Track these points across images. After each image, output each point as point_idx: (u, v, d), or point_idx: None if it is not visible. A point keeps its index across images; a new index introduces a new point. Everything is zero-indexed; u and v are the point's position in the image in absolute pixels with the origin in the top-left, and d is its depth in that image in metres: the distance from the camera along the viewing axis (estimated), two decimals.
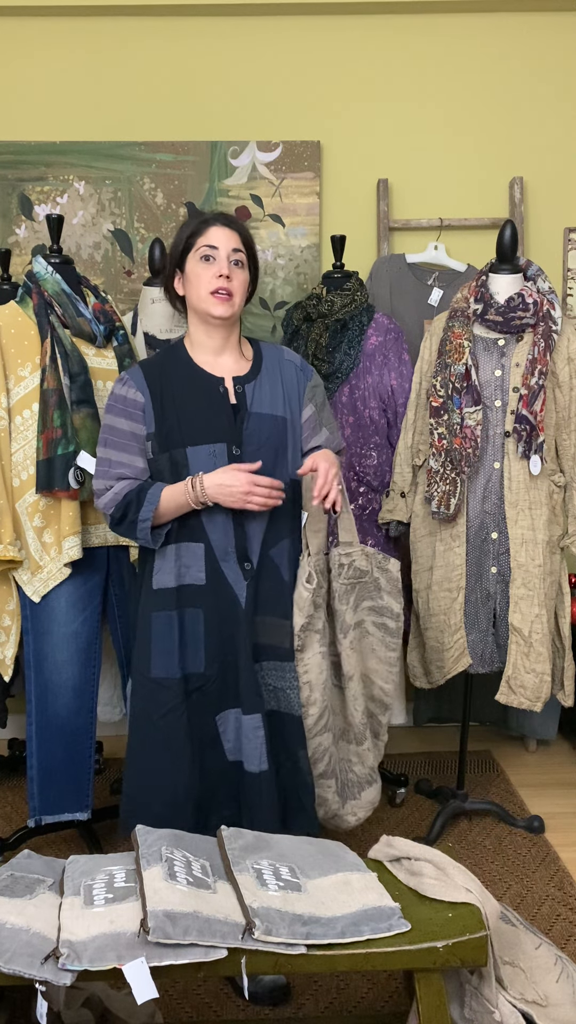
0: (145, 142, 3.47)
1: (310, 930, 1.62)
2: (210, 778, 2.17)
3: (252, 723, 2.11)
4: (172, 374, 2.18)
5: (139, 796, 2.16)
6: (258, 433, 2.16)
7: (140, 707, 2.20)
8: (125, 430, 2.16)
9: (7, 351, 2.50)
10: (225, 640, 2.15)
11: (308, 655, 2.19)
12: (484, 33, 3.52)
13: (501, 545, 2.66)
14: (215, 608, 2.15)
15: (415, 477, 2.82)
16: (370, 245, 3.56)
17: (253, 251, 2.20)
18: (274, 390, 2.21)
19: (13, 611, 2.58)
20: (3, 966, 1.52)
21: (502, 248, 2.64)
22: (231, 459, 2.13)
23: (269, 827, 2.06)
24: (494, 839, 2.81)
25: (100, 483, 2.18)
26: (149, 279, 2.92)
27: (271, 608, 2.17)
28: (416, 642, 2.85)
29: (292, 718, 2.17)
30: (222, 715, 2.17)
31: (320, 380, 2.33)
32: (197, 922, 1.57)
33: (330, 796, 2.25)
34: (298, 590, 2.18)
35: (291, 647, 2.17)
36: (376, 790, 2.35)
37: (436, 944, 1.64)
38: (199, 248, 2.14)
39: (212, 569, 2.14)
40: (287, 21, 3.49)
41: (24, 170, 3.45)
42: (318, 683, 2.19)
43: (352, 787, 2.32)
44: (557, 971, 1.87)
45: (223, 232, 2.14)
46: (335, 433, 2.32)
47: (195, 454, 2.12)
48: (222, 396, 2.17)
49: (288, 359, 2.27)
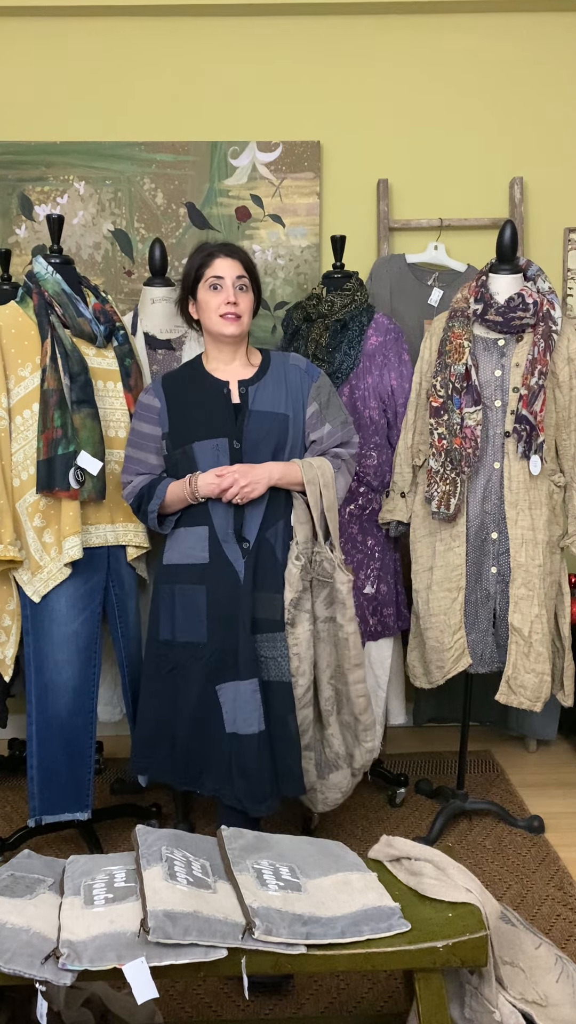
0: (145, 142, 3.47)
1: (310, 930, 1.62)
2: (209, 741, 2.37)
3: (250, 687, 2.32)
4: (186, 381, 2.50)
5: (145, 743, 2.46)
6: (257, 429, 2.42)
7: (150, 666, 2.48)
8: (145, 432, 2.50)
9: (7, 351, 2.50)
10: (226, 613, 2.37)
11: (299, 630, 2.39)
12: (484, 33, 3.52)
13: (501, 545, 2.66)
14: (217, 584, 2.38)
15: (415, 477, 2.82)
16: (370, 245, 3.56)
17: (255, 274, 2.49)
18: (277, 391, 2.46)
19: (13, 611, 2.58)
20: (3, 966, 1.52)
21: (502, 248, 2.64)
22: (232, 453, 2.40)
23: (261, 789, 2.30)
24: (494, 839, 2.81)
25: (124, 477, 2.55)
26: (149, 279, 2.91)
27: (266, 584, 2.38)
28: (416, 642, 2.85)
29: (283, 685, 2.37)
30: (222, 687, 2.35)
31: (327, 381, 2.55)
32: (197, 922, 1.57)
33: (311, 768, 2.47)
34: (289, 567, 2.39)
35: (282, 619, 2.38)
36: (343, 777, 2.50)
37: (436, 944, 1.64)
38: (207, 279, 2.43)
39: (215, 549, 2.39)
40: (287, 21, 3.49)
41: (24, 170, 3.45)
42: (306, 657, 2.40)
43: (323, 767, 2.50)
44: (557, 971, 1.87)
45: (227, 263, 2.43)
46: (340, 427, 2.51)
47: (201, 448, 2.41)
48: (226, 396, 2.44)
49: (293, 363, 2.52)
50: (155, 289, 2.89)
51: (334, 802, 2.52)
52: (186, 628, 2.41)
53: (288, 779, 2.36)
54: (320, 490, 2.41)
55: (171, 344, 2.88)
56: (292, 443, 2.46)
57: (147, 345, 2.87)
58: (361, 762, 2.51)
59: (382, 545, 2.99)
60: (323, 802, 2.52)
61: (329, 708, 2.48)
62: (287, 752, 2.36)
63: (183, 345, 2.88)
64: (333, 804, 2.53)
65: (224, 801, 2.36)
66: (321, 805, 2.52)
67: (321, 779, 2.50)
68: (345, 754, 2.51)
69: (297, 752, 2.36)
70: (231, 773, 2.32)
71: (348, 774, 2.52)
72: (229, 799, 2.34)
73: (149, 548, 2.70)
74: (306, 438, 2.49)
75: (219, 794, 2.37)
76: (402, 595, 3.05)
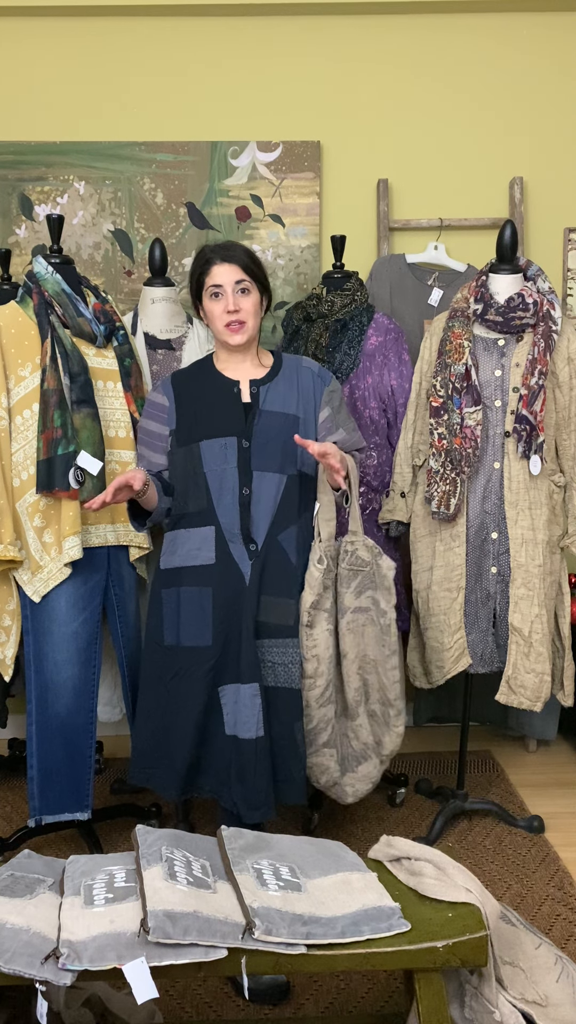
0: (145, 142, 3.47)
1: (310, 930, 1.62)
2: (209, 743, 2.34)
3: (250, 691, 2.28)
4: (197, 380, 2.48)
5: (145, 750, 2.43)
6: (267, 429, 2.40)
7: (151, 673, 2.44)
8: (152, 430, 2.50)
9: (7, 351, 2.50)
10: (230, 616, 2.34)
11: (317, 631, 2.36)
12: (484, 33, 3.52)
13: (501, 545, 2.66)
14: (223, 586, 2.35)
15: (415, 477, 2.83)
16: (370, 245, 3.56)
17: (257, 273, 2.42)
18: (289, 392, 2.45)
19: (13, 611, 2.58)
20: (3, 966, 1.52)
21: (502, 248, 2.64)
22: (240, 452, 2.37)
23: (260, 795, 2.26)
24: (494, 839, 2.81)
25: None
26: (149, 279, 2.91)
27: (278, 588, 2.35)
28: (416, 642, 2.85)
29: (291, 692, 2.33)
30: (224, 688, 2.32)
31: (338, 386, 2.55)
32: (197, 922, 1.57)
33: (332, 764, 2.41)
34: (310, 570, 2.37)
35: (295, 624, 2.35)
36: (372, 766, 2.48)
37: (436, 944, 1.64)
38: (208, 288, 2.41)
39: (221, 550, 2.36)
40: (287, 21, 3.49)
41: (24, 170, 3.45)
42: (325, 657, 2.36)
43: (350, 760, 2.47)
44: (557, 971, 1.87)
45: (224, 268, 2.38)
46: (352, 434, 2.53)
47: (208, 447, 2.39)
48: (236, 396, 2.43)
49: (306, 366, 2.51)
50: (155, 289, 2.88)
51: (364, 792, 2.50)
52: (191, 632, 2.36)
53: (289, 786, 2.33)
54: (352, 484, 2.44)
55: (171, 344, 2.88)
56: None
57: (147, 345, 2.87)
58: (390, 748, 2.49)
59: (382, 545, 2.99)
60: (353, 794, 2.48)
61: (359, 698, 2.45)
62: (291, 759, 2.32)
63: (183, 345, 2.88)
64: (363, 795, 2.50)
65: (221, 803, 2.36)
66: (351, 798, 2.49)
67: (349, 772, 2.47)
68: (373, 743, 2.48)
69: (301, 760, 2.33)
70: (230, 776, 2.31)
71: (376, 763, 2.50)
72: (226, 802, 2.33)
73: (151, 549, 2.70)
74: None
75: (217, 795, 2.36)
76: (402, 595, 3.05)
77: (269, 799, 2.28)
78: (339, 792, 2.47)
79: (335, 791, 2.47)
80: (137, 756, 2.45)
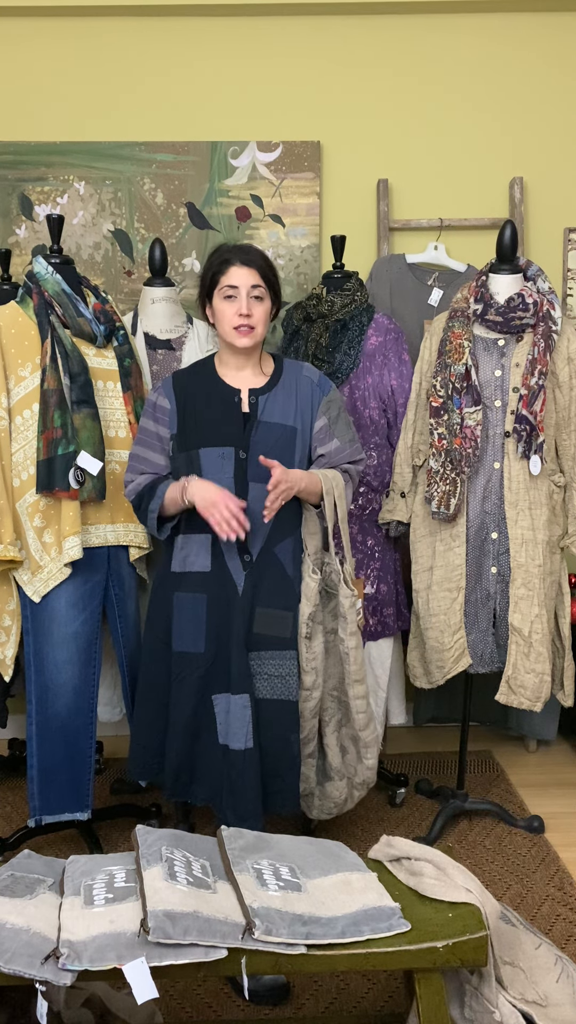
0: (145, 142, 3.47)
1: (310, 930, 1.62)
2: (203, 752, 2.36)
3: (240, 702, 2.30)
4: (198, 384, 2.45)
5: (142, 754, 2.46)
6: (265, 440, 2.38)
7: (148, 675, 2.47)
8: (152, 431, 2.46)
9: (7, 351, 2.50)
10: (223, 625, 2.35)
11: (315, 643, 2.38)
12: (484, 33, 3.52)
13: (501, 545, 2.66)
14: (217, 594, 2.36)
15: (415, 477, 2.82)
16: (370, 245, 3.56)
17: (272, 280, 2.41)
18: (287, 402, 2.43)
19: (13, 611, 2.58)
20: (3, 966, 1.52)
21: (502, 248, 2.64)
22: (237, 462, 2.36)
23: (248, 807, 2.27)
24: (494, 839, 2.81)
25: (128, 476, 2.49)
26: (149, 279, 2.91)
27: (273, 600, 2.36)
28: (416, 642, 2.85)
29: (288, 704, 2.34)
30: (218, 697, 2.34)
31: (338, 396, 2.52)
32: (197, 922, 1.57)
33: (311, 775, 2.46)
34: (305, 581, 2.38)
35: (292, 636, 2.35)
36: (336, 789, 2.49)
37: (436, 944, 1.64)
38: (222, 287, 2.37)
39: (216, 559, 2.37)
40: (287, 21, 3.49)
41: (24, 170, 3.45)
42: (321, 670, 2.39)
43: (321, 774, 2.50)
44: (557, 971, 1.87)
45: (242, 271, 2.36)
46: (348, 444, 2.48)
47: (207, 455, 2.37)
48: (236, 405, 2.41)
49: (306, 375, 2.48)
50: (155, 289, 2.88)
51: (328, 811, 2.51)
52: (185, 638, 2.38)
53: (283, 796, 2.34)
54: (335, 501, 2.40)
55: (171, 344, 2.88)
56: (299, 456, 2.42)
57: (147, 345, 2.87)
58: (363, 778, 2.50)
59: (382, 545, 2.99)
60: (318, 808, 2.51)
61: (327, 719, 2.47)
62: (286, 770, 2.34)
63: (183, 345, 2.88)
64: (327, 814, 2.52)
65: (215, 812, 2.36)
66: (316, 811, 2.51)
67: (319, 785, 2.49)
68: (341, 767, 2.49)
69: (296, 770, 2.35)
70: (222, 786, 2.31)
71: (344, 787, 2.50)
72: (219, 811, 2.33)
73: (151, 549, 2.70)
74: (312, 451, 2.46)
75: (211, 804, 2.36)
76: (402, 595, 3.06)
77: (257, 811, 2.28)
78: (308, 802, 2.49)
79: (305, 800, 2.48)
80: (134, 756, 2.48)
